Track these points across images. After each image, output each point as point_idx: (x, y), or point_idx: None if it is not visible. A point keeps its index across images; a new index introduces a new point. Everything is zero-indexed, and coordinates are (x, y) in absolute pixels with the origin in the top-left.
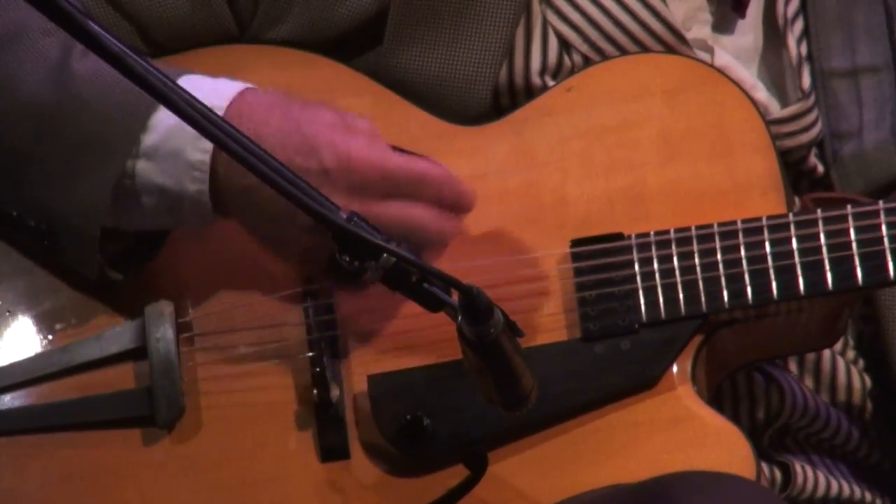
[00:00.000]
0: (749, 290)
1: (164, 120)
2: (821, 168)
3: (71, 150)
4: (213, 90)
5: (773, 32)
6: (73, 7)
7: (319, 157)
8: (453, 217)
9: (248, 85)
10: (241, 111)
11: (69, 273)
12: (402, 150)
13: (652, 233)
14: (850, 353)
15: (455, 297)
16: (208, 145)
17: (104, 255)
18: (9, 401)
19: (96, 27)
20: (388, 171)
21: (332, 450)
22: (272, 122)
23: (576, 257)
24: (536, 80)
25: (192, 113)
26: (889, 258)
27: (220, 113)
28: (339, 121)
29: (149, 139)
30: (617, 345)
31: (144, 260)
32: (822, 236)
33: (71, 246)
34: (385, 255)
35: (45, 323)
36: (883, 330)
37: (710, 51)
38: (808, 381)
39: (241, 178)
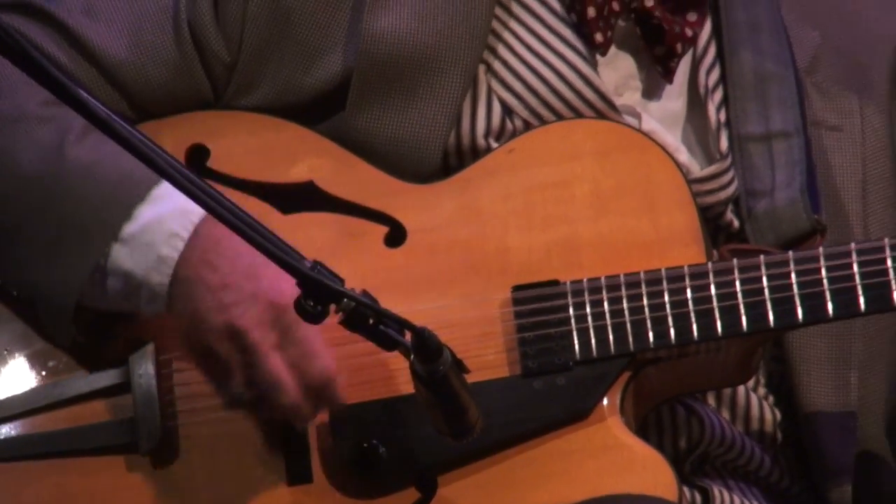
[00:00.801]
0: (672, 331)
1: (146, 213)
2: (736, 223)
3: (56, 232)
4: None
5: (696, 99)
6: (73, 84)
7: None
8: (311, 406)
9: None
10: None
11: None
12: (360, 207)
13: (585, 280)
14: (762, 390)
15: (408, 338)
16: (181, 245)
17: (78, 323)
18: (6, 430)
19: (103, 109)
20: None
21: (297, 474)
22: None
23: (516, 302)
24: (482, 142)
25: (193, 189)
26: (798, 303)
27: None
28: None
29: (129, 227)
30: (553, 380)
31: (113, 328)
32: (737, 283)
33: (46, 315)
34: (345, 300)
35: (38, 361)
36: (790, 370)
37: (638, 116)
38: (725, 413)
39: (205, 279)
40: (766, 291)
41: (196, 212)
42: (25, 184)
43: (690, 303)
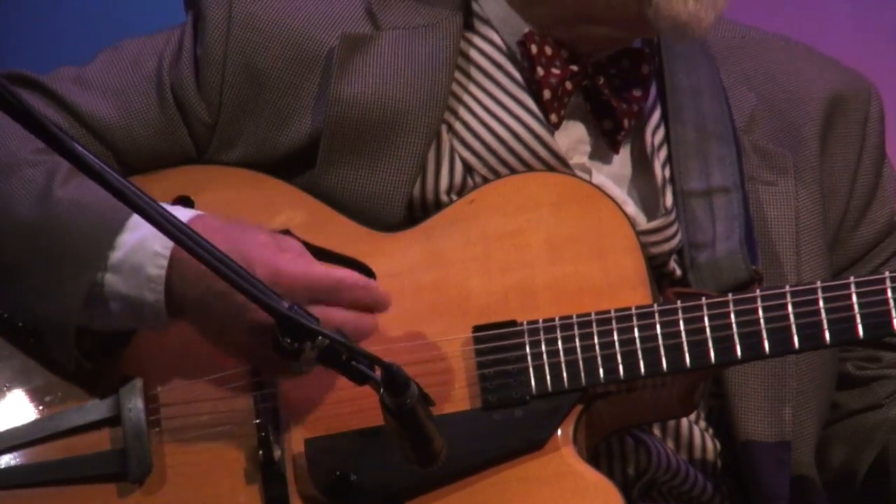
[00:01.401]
0: (621, 368)
1: (128, 240)
2: (679, 272)
3: (51, 264)
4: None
5: (642, 158)
6: (61, 133)
7: (253, 270)
8: (368, 316)
9: (198, 213)
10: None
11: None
12: (333, 254)
13: (540, 320)
14: (703, 423)
15: (378, 373)
16: (164, 262)
17: (81, 348)
18: (6, 460)
19: (90, 156)
20: (310, 281)
21: (274, 501)
22: (216, 243)
23: (477, 340)
24: (444, 197)
25: (163, 221)
26: (737, 342)
27: None
28: (270, 241)
29: (115, 256)
30: (511, 413)
31: (114, 351)
32: (681, 323)
33: (51, 342)
34: (320, 337)
35: (36, 396)
36: (729, 404)
37: (589, 172)
38: (670, 443)
39: (191, 290)
40: (708, 331)
41: None
42: (19, 223)
43: (638, 341)
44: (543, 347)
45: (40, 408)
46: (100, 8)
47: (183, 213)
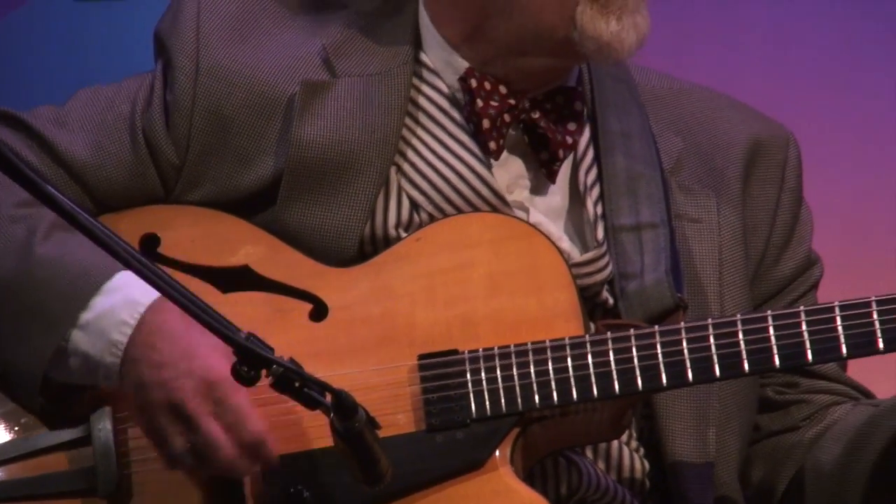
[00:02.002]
0: (555, 394)
1: (101, 304)
2: (611, 301)
3: (25, 317)
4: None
5: (576, 195)
6: (45, 184)
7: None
8: (246, 463)
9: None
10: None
11: None
12: (288, 287)
13: (481, 350)
14: (633, 443)
15: (328, 399)
16: (129, 331)
17: (46, 394)
18: None
19: (80, 212)
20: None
21: None
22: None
23: (422, 368)
24: (393, 232)
25: (150, 275)
26: (662, 370)
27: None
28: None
29: (86, 316)
30: (453, 435)
31: (76, 394)
32: (611, 353)
33: (17, 388)
34: (275, 366)
35: (11, 419)
36: (657, 426)
37: (527, 210)
38: (601, 464)
39: (149, 359)
40: (636, 360)
41: (142, 302)
42: (1, 276)
43: (571, 370)
44: (483, 375)
45: (15, 429)
46: (77, 51)
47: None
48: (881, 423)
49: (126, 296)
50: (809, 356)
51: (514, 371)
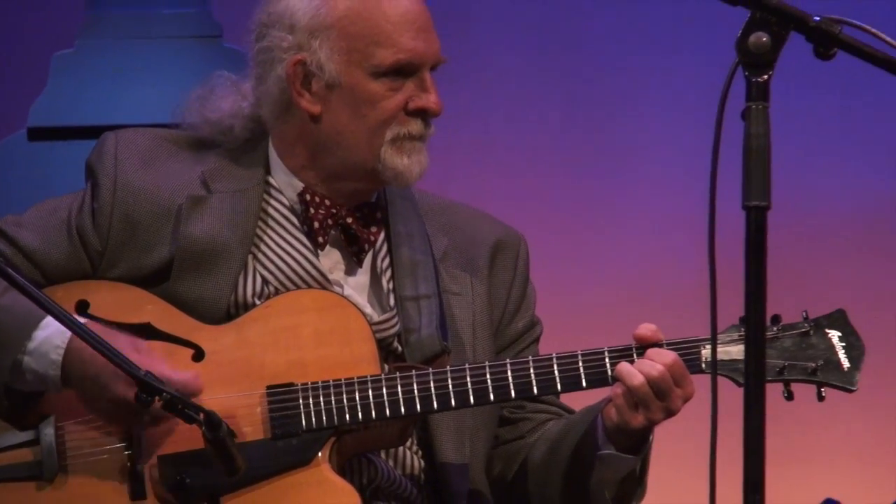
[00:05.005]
0: (360, 414)
1: (40, 335)
2: (399, 349)
3: None
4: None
5: (376, 275)
6: (9, 271)
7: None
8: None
9: (87, 320)
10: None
11: None
12: (177, 338)
13: (309, 383)
14: (414, 447)
15: (202, 416)
16: (62, 352)
17: (9, 398)
18: None
19: (21, 279)
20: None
21: (137, 494)
22: (101, 334)
23: (269, 395)
24: (250, 300)
25: (65, 319)
26: (434, 398)
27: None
28: (132, 340)
29: (31, 345)
30: (290, 441)
31: (32, 403)
32: (399, 387)
33: None
34: (164, 393)
35: None
36: (430, 436)
37: (342, 286)
38: (391, 462)
39: (77, 370)
40: (416, 391)
41: (68, 333)
42: None
43: (371, 397)
44: (311, 400)
45: None
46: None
47: (78, 318)
48: (573, 429)
49: (57, 328)
50: (535, 390)
51: (332, 398)
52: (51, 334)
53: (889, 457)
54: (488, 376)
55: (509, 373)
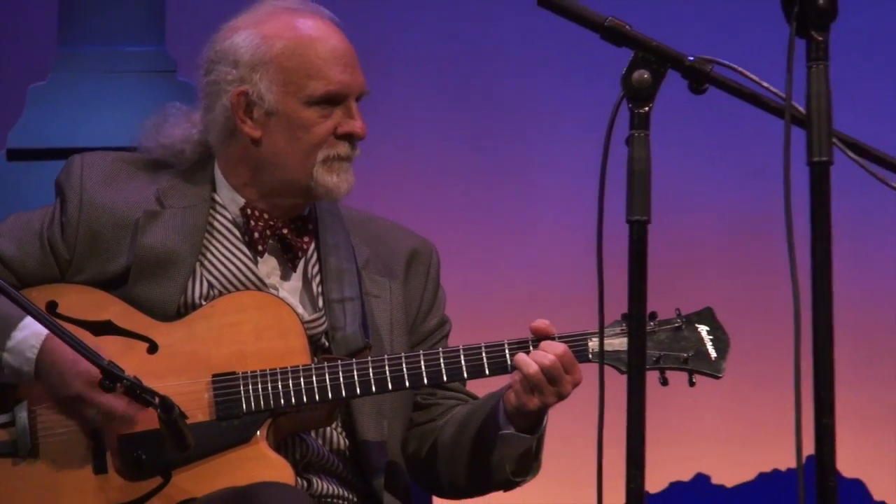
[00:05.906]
0: (292, 398)
1: (17, 335)
2: (327, 344)
3: None
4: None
5: (307, 280)
6: None
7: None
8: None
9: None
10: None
11: None
12: (134, 333)
13: (248, 372)
14: (339, 428)
15: (157, 400)
16: (36, 350)
17: None
18: None
19: (2, 283)
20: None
21: (99, 468)
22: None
23: (214, 382)
24: (198, 301)
25: (43, 319)
26: (357, 384)
27: (40, 343)
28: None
29: (9, 344)
30: (232, 422)
31: (9, 390)
32: (326, 375)
33: None
34: (125, 381)
35: None
36: (353, 418)
37: (278, 289)
38: (320, 440)
39: (48, 368)
40: (341, 378)
41: (43, 334)
42: None
43: (302, 384)
44: (251, 387)
45: None
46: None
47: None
48: (477, 412)
49: (33, 330)
50: (444, 377)
51: (269, 385)
52: (27, 335)
53: (751, 436)
54: (404, 366)
55: (422, 362)
